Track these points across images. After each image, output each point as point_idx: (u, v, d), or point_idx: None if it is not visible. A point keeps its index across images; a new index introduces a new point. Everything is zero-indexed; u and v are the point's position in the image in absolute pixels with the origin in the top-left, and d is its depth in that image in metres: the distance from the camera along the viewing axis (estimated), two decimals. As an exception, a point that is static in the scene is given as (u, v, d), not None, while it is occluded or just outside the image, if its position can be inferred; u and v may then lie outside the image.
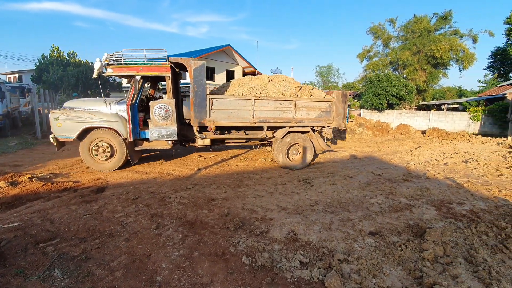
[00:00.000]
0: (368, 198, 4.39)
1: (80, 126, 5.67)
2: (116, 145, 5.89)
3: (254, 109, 6.16)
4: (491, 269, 2.50)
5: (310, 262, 2.62)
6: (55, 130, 5.69)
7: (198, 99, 5.87)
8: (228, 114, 6.10)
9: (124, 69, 5.73)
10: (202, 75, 5.87)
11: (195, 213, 3.72)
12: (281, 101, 6.34)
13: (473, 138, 12.08)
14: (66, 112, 5.70)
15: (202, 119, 5.97)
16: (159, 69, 5.81)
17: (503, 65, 25.63)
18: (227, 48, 23.43)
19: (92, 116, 5.72)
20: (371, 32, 26.87)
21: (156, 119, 5.86)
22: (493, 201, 4.27)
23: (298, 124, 6.52)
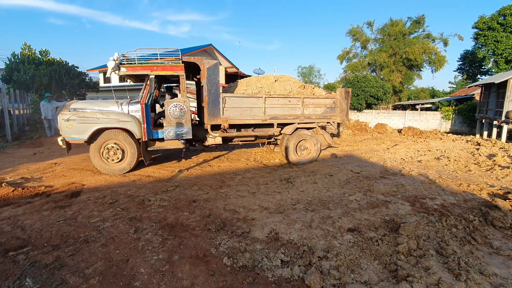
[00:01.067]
0: (347, 196, 4.51)
1: (92, 127, 5.45)
2: (128, 146, 5.73)
3: (265, 106, 6.41)
4: (460, 260, 2.65)
5: (291, 261, 2.66)
6: (65, 131, 5.43)
7: (212, 97, 5.98)
8: (240, 112, 6.28)
9: (138, 69, 5.66)
10: (215, 74, 5.96)
11: (175, 216, 3.65)
12: (290, 99, 6.62)
13: (445, 136, 12.76)
14: (77, 113, 5.46)
15: (216, 117, 6.08)
16: (173, 68, 5.80)
17: (472, 67, 27.27)
18: (209, 47, 23.24)
19: (105, 116, 5.53)
20: (350, 34, 27.67)
21: (171, 118, 5.84)
22: (462, 196, 4.53)
23: (306, 121, 6.83)
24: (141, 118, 5.75)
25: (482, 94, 14.98)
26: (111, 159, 5.73)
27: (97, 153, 5.65)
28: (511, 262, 2.74)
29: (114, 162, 5.75)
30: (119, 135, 5.69)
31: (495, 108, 12.99)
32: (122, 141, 5.70)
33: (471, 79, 27.09)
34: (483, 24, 24.39)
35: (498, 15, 23.86)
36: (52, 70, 15.27)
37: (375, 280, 2.41)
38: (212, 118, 6.06)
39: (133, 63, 5.62)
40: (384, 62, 24.77)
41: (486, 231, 3.32)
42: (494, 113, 13.06)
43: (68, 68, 17.04)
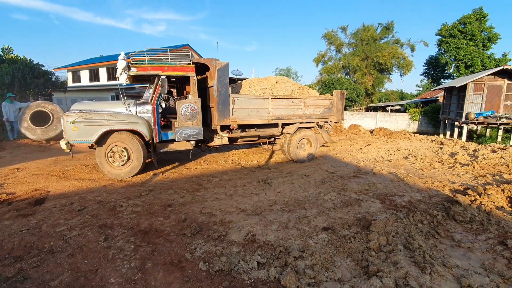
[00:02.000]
0: (323, 195, 4.63)
1: (100, 129, 5.20)
2: (135, 148, 5.53)
3: (270, 107, 6.68)
4: (425, 253, 2.82)
5: (267, 262, 2.67)
6: (70, 134, 5.10)
7: (222, 98, 6.03)
8: (248, 112, 6.45)
9: (149, 69, 5.57)
10: (225, 75, 6.00)
11: (149, 221, 3.53)
12: (293, 100, 7.02)
13: (412, 136, 13.53)
14: (83, 115, 5.17)
15: (226, 117, 6.16)
16: (184, 69, 5.80)
17: (436, 71, 29.21)
18: (186, 47, 22.80)
19: (114, 118, 5.32)
20: (325, 38, 28.54)
21: (183, 119, 5.84)
22: (427, 192, 4.83)
23: (307, 120, 7.27)
24: (150, 119, 5.64)
25: (444, 97, 16.10)
26: (117, 162, 5.51)
27: (103, 156, 5.40)
28: (471, 254, 2.96)
29: (120, 165, 5.53)
30: (126, 137, 5.48)
31: (456, 109, 14.02)
32: (129, 144, 5.50)
33: (436, 82, 29.02)
34: (446, 31, 26.26)
35: (459, 23, 25.82)
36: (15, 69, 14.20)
37: (348, 277, 2.49)
38: (222, 118, 6.11)
39: (144, 63, 5.50)
40: (357, 65, 25.82)
41: (448, 225, 3.57)
42: (455, 115, 14.08)
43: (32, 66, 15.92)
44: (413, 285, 2.32)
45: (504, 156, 7.66)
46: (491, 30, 25.32)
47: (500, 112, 12.46)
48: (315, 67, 40.87)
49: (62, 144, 5.18)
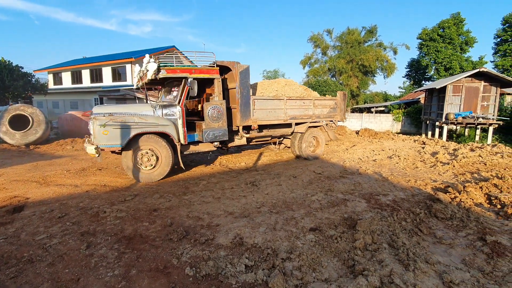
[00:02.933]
0: (310, 196, 4.67)
1: (131, 132, 5.12)
2: (163, 151, 5.51)
3: (285, 108, 7.10)
4: (409, 251, 2.89)
5: (255, 265, 2.66)
6: (100, 138, 4.93)
7: (244, 99, 6.25)
8: (266, 113, 6.81)
9: (178, 71, 5.63)
10: (247, 78, 6.22)
11: (134, 227, 3.45)
12: (304, 101, 7.53)
13: (396, 137, 13.91)
14: (114, 118, 5.06)
15: (247, 118, 6.39)
16: (209, 71, 5.92)
17: (417, 73, 30.24)
18: (172, 49, 22.53)
19: (144, 120, 5.28)
20: (312, 40, 28.98)
21: (210, 121, 5.93)
22: (410, 191, 4.96)
23: (316, 120, 7.79)
24: (177, 121, 5.65)
25: (426, 98, 16.67)
26: (144, 166, 5.44)
27: (130, 160, 5.30)
28: (452, 250, 3.06)
29: (148, 169, 5.48)
30: (155, 140, 5.44)
31: (437, 110, 14.54)
32: (157, 146, 5.45)
33: (417, 84, 30.01)
34: (426, 35, 27.25)
35: (438, 27, 26.87)
36: (-7, 71, 13.60)
37: (334, 277, 2.52)
38: (244, 119, 6.33)
39: (172, 65, 5.56)
40: (342, 68, 26.34)
41: (430, 222, 3.67)
42: (436, 115, 14.60)
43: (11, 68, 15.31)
44: (397, 282, 2.37)
45: (482, 155, 8.00)
46: (468, 34, 26.52)
47: (478, 112, 13.02)
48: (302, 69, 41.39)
49: (90, 149, 4.94)
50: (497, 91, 12.96)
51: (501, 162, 7.19)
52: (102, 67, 21.90)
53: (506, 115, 13.91)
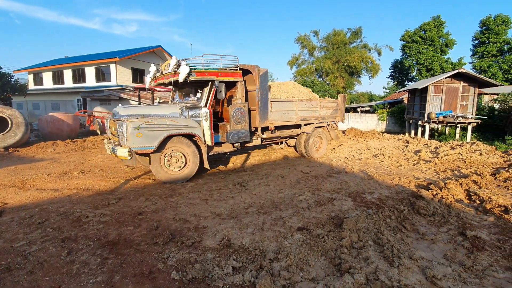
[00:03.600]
0: (298, 196, 4.69)
1: (162, 134, 5.11)
2: (191, 152, 5.58)
3: (297, 109, 7.51)
4: (393, 247, 2.95)
5: (243, 266, 2.64)
6: (134, 141, 4.84)
7: (263, 102, 6.51)
8: (281, 114, 7.14)
9: (206, 74, 5.72)
10: (266, 81, 6.50)
11: (118, 231, 3.35)
12: (312, 103, 8.01)
13: (381, 136, 14.23)
14: (147, 120, 5.02)
15: (265, 120, 6.69)
16: (233, 75, 6.08)
17: (400, 74, 31.08)
18: (158, 49, 22.21)
19: (174, 122, 5.31)
20: (299, 41, 29.25)
21: (234, 122, 6.08)
22: (394, 189, 5.08)
23: (321, 120, 8.28)
24: (203, 123, 5.72)
25: (409, 98, 17.15)
26: (173, 167, 5.46)
27: (157, 162, 5.28)
28: (434, 245, 3.15)
29: (177, 170, 5.50)
30: (184, 141, 5.51)
31: (419, 110, 14.99)
32: (186, 148, 5.52)
33: (401, 84, 30.84)
34: (408, 37, 28.06)
35: (420, 29, 27.73)
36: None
37: (321, 276, 2.54)
38: (263, 120, 6.61)
39: (201, 69, 5.65)
40: (329, 68, 26.72)
41: (414, 219, 3.77)
42: (418, 115, 15.05)
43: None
44: (382, 279, 2.42)
45: (462, 152, 8.31)
46: (447, 37, 27.51)
47: (457, 111, 13.52)
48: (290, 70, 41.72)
49: (123, 152, 4.85)
50: (475, 91, 13.50)
51: (479, 159, 7.50)
52: (85, 67, 21.24)
53: (484, 114, 14.51)
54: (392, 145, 10.48)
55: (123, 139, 4.88)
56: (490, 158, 7.65)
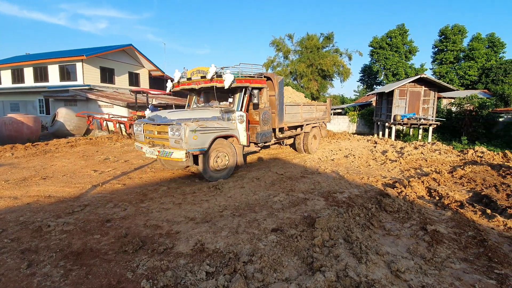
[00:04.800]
0: (272, 197, 4.75)
1: (211, 136, 5.57)
2: (231, 153, 6.10)
3: (302, 112, 8.53)
4: (361, 244, 3.09)
5: (216, 271, 2.62)
6: (190, 143, 5.17)
7: (280, 106, 7.26)
8: (291, 116, 8.04)
9: (243, 81, 6.22)
10: (282, 87, 7.31)
11: (83, 241, 3.16)
12: (311, 106, 9.25)
13: (352, 137, 14.85)
14: (200, 124, 5.43)
15: (282, 121, 7.43)
16: (260, 81, 6.68)
17: (369, 78, 32.70)
18: (129, 48, 21.31)
19: (220, 125, 5.83)
20: (274, 44, 29.62)
21: (262, 124, 6.73)
22: (363, 188, 5.33)
23: (316, 121, 9.42)
24: (238, 125, 6.22)
25: (376, 101, 18.10)
26: (218, 166, 5.89)
27: (206, 162, 5.66)
28: (398, 240, 3.35)
29: (220, 169, 5.93)
30: (226, 143, 5.98)
31: (386, 112, 15.87)
32: (227, 149, 6.02)
33: (370, 88, 32.46)
34: (376, 43, 29.63)
35: (386, 36, 29.39)
36: None
37: (294, 276, 2.59)
38: (280, 122, 7.37)
39: (238, 76, 6.15)
40: (303, 71, 27.36)
41: (380, 216, 3.98)
42: (385, 117, 15.93)
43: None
44: (351, 275, 2.52)
45: (424, 152, 8.93)
46: (411, 44, 29.47)
47: (420, 114, 14.51)
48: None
49: (179, 154, 5.12)
50: (435, 95, 14.59)
51: (439, 158, 8.11)
52: (48, 65, 19.78)
53: (443, 116, 15.73)
54: (362, 146, 10.99)
55: (180, 142, 5.15)
56: (448, 157, 8.30)
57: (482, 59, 27.38)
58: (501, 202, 4.56)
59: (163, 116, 5.64)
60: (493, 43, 27.96)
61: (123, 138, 12.71)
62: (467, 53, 27.95)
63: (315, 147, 9.59)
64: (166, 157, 5.34)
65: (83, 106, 17.03)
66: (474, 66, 27.33)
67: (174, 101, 19.87)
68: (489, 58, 27.58)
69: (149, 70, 24.01)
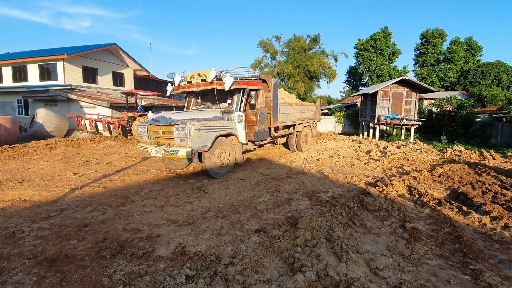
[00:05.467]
0: (257, 198, 4.74)
1: (214, 134, 5.92)
2: (231, 150, 6.46)
3: (294, 112, 8.96)
4: (342, 243, 3.13)
5: (197, 274, 2.58)
6: (195, 141, 5.52)
7: (275, 106, 7.67)
8: (285, 116, 8.43)
9: (241, 83, 6.60)
10: (276, 89, 7.79)
11: (58, 247, 3.04)
12: (302, 107, 9.71)
13: (338, 137, 15.09)
14: (204, 123, 5.75)
15: (276, 121, 7.81)
16: (256, 84, 7.05)
17: (355, 79, 33.34)
18: (113, 47, 20.78)
19: (221, 125, 6.17)
20: (261, 45, 29.71)
21: (259, 123, 7.08)
22: (346, 187, 5.41)
23: (307, 121, 9.92)
24: (238, 124, 6.59)
25: (361, 102, 18.46)
26: (221, 163, 6.22)
27: (211, 159, 5.97)
28: (379, 238, 3.41)
29: (223, 165, 6.27)
30: (226, 140, 6.30)
31: (370, 113, 16.21)
32: (228, 146, 6.36)
33: (355, 89, 33.10)
34: (361, 45, 30.25)
35: (371, 39, 30.06)
36: None
37: (276, 276, 2.58)
38: (275, 122, 7.74)
39: (237, 79, 6.46)
40: (290, 72, 27.57)
41: (362, 214, 4.05)
42: (370, 117, 16.27)
43: None
44: (332, 274, 2.54)
45: (406, 151, 9.18)
46: (394, 46, 30.29)
47: (402, 114, 14.91)
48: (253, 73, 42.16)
49: (185, 152, 5.40)
50: (416, 96, 15.03)
51: (419, 157, 8.35)
52: (27, 64, 19.00)
53: (424, 116, 16.23)
54: (347, 146, 11.17)
55: (186, 140, 5.46)
56: (428, 156, 8.57)
57: (461, 61, 28.50)
58: (476, 199, 4.74)
59: (168, 117, 5.94)
60: (471, 46, 29.15)
61: (108, 139, 12.38)
62: (447, 56, 29.02)
63: (307, 145, 10.04)
64: (172, 155, 5.60)
65: (63, 106, 16.47)
66: (453, 69, 28.39)
67: (160, 102, 19.56)
68: (467, 60, 28.74)
69: (134, 70, 23.51)
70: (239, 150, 6.72)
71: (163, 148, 5.68)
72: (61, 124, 13.73)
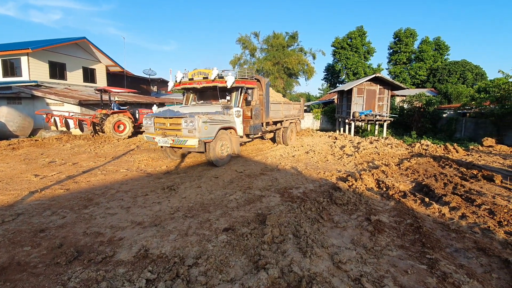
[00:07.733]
0: (229, 196, 4.69)
1: (217, 127, 6.59)
2: (229, 141, 7.12)
3: (282, 109, 9.98)
4: (309, 238, 3.17)
5: (158, 277, 2.50)
6: (202, 133, 6.18)
7: (266, 103, 8.50)
8: (275, 113, 9.33)
9: (240, 82, 7.33)
10: (268, 88, 8.58)
11: (10, 254, 2.83)
12: (289, 105, 10.82)
13: (315, 133, 15.37)
14: (210, 116, 6.39)
15: (268, 117, 8.65)
16: (252, 83, 7.84)
17: (332, 77, 34.02)
18: (83, 41, 19.70)
19: (223, 118, 6.83)
20: (240, 42, 29.46)
21: (254, 118, 7.76)
22: (319, 182, 5.50)
23: (293, 117, 10.95)
24: (236, 119, 7.32)
25: (338, 99, 18.89)
26: (222, 153, 6.93)
27: (214, 149, 6.60)
28: (344, 232, 3.49)
29: (223, 155, 6.97)
30: (225, 133, 6.98)
31: (346, 109, 16.64)
32: (227, 138, 7.05)
33: (333, 86, 33.79)
34: (338, 43, 30.89)
35: (347, 37, 30.76)
36: None
37: (240, 275, 2.56)
38: (267, 117, 8.57)
39: (236, 78, 7.12)
40: (269, 69, 27.62)
41: (331, 209, 4.13)
42: (346, 114, 16.70)
43: None
44: (295, 270, 2.56)
45: (377, 146, 9.51)
46: (369, 45, 31.20)
47: (376, 111, 15.45)
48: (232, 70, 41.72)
49: (193, 142, 6.10)
50: (389, 93, 15.61)
51: (390, 152, 8.68)
52: (-13, 59, 17.57)
53: (396, 113, 16.91)
54: (323, 142, 11.40)
55: (194, 132, 6.12)
56: (398, 151, 8.94)
57: (430, 60, 29.94)
58: (438, 190, 5.00)
59: (176, 111, 6.67)
60: (439, 45, 30.69)
61: (76, 138, 11.75)
62: (418, 55, 30.37)
63: (292, 140, 11.10)
64: (181, 144, 6.27)
65: (28, 104, 15.42)
66: (423, 67, 29.78)
67: (135, 99, 18.86)
68: (436, 59, 30.25)
69: (106, 66, 22.47)
70: (237, 142, 7.34)
71: (171, 138, 6.30)
72: (25, 123, 12.86)
